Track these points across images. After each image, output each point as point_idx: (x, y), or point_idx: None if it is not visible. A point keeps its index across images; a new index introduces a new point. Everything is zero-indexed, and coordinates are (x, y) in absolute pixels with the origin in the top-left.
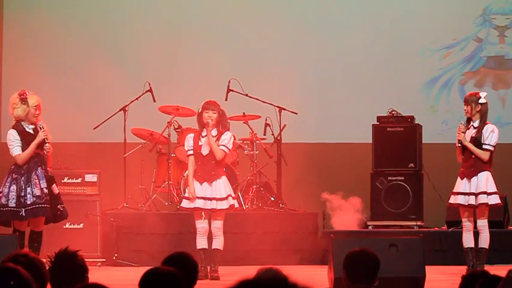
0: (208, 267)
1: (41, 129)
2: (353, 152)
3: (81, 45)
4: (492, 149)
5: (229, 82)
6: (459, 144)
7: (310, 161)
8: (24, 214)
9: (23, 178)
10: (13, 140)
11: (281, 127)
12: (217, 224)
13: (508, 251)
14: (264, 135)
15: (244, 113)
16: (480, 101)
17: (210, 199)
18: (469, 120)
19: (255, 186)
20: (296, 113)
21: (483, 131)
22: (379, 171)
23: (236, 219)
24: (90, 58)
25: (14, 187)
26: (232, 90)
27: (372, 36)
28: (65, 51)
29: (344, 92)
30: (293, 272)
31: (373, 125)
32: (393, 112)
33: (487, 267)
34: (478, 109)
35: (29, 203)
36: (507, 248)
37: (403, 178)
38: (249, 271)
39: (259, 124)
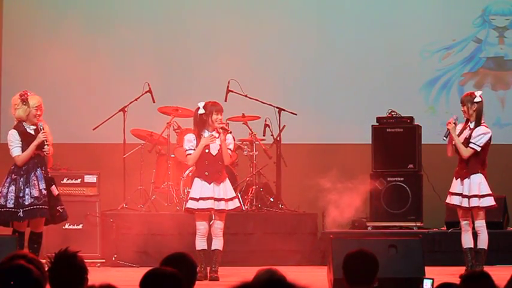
0: (208, 268)
1: (41, 130)
2: (352, 153)
3: (81, 46)
4: (478, 149)
5: (228, 83)
6: (444, 137)
7: (309, 161)
8: (22, 215)
9: (22, 179)
10: (13, 140)
11: (280, 128)
12: (220, 225)
13: (508, 251)
14: (264, 136)
15: (243, 114)
16: (476, 99)
17: (218, 200)
18: (467, 121)
19: (254, 187)
20: (295, 114)
21: (474, 130)
22: (378, 172)
23: (236, 220)
24: (89, 59)
25: (12, 188)
26: (232, 91)
27: (371, 37)
28: (65, 52)
29: (343, 93)
30: (293, 273)
31: (372, 125)
32: (392, 113)
33: (486, 268)
34: (474, 108)
35: (27, 203)
36: (506, 249)
37: (402, 179)
38: (249, 272)
39: (258, 125)
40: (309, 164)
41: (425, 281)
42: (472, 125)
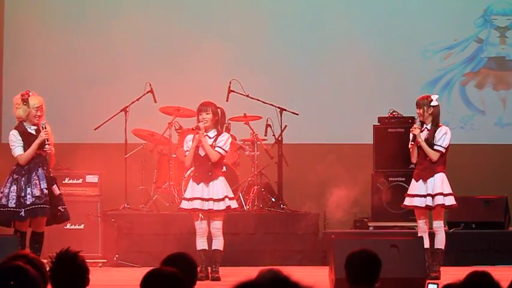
0: (209, 268)
1: (43, 129)
2: (354, 153)
3: (82, 46)
4: (443, 150)
5: (230, 83)
6: (412, 142)
7: (311, 161)
8: (23, 214)
9: (23, 178)
10: (15, 140)
11: (282, 128)
12: (217, 225)
13: (509, 251)
14: (265, 136)
15: (245, 114)
16: (432, 103)
17: (207, 200)
18: (422, 123)
19: (256, 187)
20: (297, 114)
21: (436, 133)
22: (379, 172)
23: (237, 220)
24: (91, 58)
25: (14, 187)
26: (233, 91)
27: (372, 37)
28: (66, 52)
29: (345, 93)
30: (294, 273)
31: (373, 125)
32: (394, 113)
33: (489, 269)
34: (430, 112)
35: (28, 203)
36: (508, 249)
37: (404, 179)
38: (250, 272)
39: (260, 125)
40: (311, 164)
41: (430, 286)
42: (429, 127)
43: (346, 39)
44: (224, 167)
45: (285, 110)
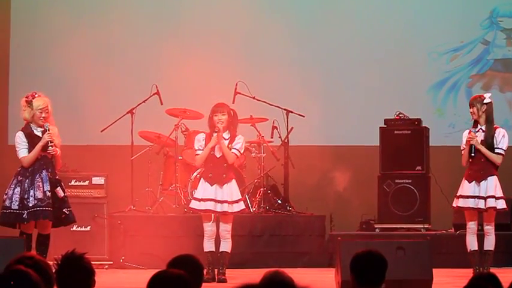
0: (216, 270)
1: (47, 131)
2: (360, 155)
3: (88, 48)
4: (504, 153)
5: (236, 85)
6: (472, 154)
7: (317, 163)
8: (26, 216)
9: (27, 181)
10: (20, 142)
11: (288, 130)
12: (226, 227)
13: None
14: (271, 138)
15: (251, 116)
16: (485, 101)
17: (221, 202)
18: (475, 122)
19: (262, 189)
20: (303, 116)
21: (495, 134)
22: (386, 174)
23: (243, 222)
24: (97, 61)
25: (18, 189)
26: (240, 93)
27: (379, 39)
28: (72, 54)
29: (351, 95)
30: (300, 275)
31: (380, 127)
32: (400, 115)
33: (493, 270)
34: (483, 109)
35: (30, 205)
36: None
37: (410, 181)
38: (256, 274)
39: (266, 127)
40: (317, 166)
41: None
42: (483, 127)
43: (351, 41)
44: None
45: (292, 112)
